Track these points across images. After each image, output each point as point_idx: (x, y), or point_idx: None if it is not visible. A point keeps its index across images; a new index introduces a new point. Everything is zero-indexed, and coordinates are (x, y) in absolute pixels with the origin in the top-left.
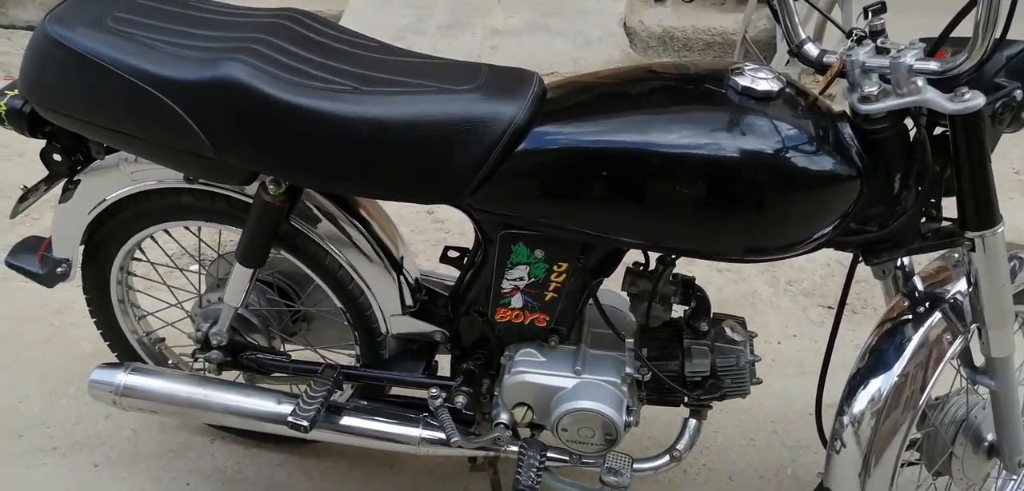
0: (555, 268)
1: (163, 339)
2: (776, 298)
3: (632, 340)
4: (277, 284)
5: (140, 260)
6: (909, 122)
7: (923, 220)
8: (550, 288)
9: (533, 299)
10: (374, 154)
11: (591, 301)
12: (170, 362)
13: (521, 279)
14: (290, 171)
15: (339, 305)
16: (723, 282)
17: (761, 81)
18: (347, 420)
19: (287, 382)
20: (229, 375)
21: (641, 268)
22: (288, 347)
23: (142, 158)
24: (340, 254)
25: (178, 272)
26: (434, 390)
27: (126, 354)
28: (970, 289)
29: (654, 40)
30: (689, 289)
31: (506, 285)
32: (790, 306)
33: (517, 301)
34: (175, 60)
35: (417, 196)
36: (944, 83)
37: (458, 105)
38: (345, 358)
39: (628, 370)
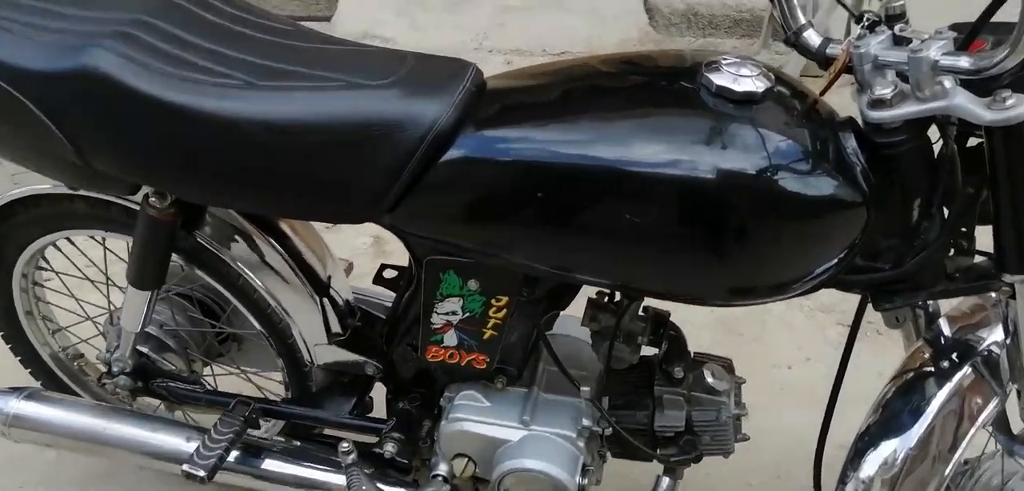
0: (493, 302)
1: (81, 355)
2: (789, 314)
3: (589, 389)
4: (199, 299)
5: (45, 269)
6: (934, 132)
7: (951, 254)
8: (489, 325)
9: (469, 337)
10: (265, 163)
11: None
12: (93, 378)
13: (454, 313)
14: (167, 182)
15: (259, 328)
16: None
17: (744, 79)
18: (266, 463)
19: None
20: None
21: (606, 299)
22: (218, 369)
23: (9, 161)
24: (253, 276)
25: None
26: (345, 444)
27: (41, 371)
28: (1008, 341)
29: (677, 17)
30: (661, 327)
31: (437, 320)
32: (805, 324)
33: (450, 338)
34: (30, 46)
35: (321, 214)
36: (980, 84)
37: (368, 103)
38: (278, 384)
39: (586, 422)
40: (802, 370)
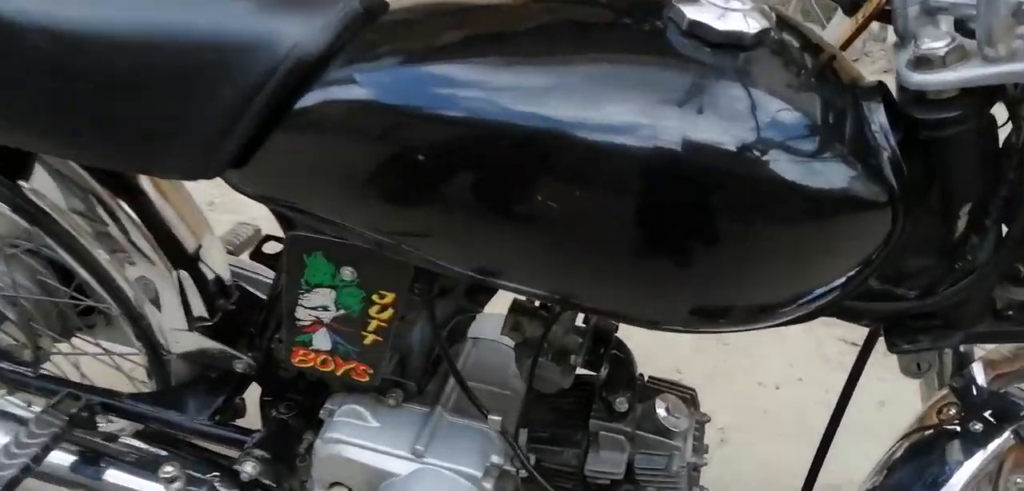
0: (375, 299)
1: None
2: (784, 327)
3: (500, 417)
4: (51, 259)
5: None
6: (1001, 112)
7: (1004, 282)
8: (370, 328)
9: (346, 341)
10: (54, 89)
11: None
12: None
13: (325, 309)
14: None
15: (109, 300)
16: None
17: (731, 15)
18: (106, 475)
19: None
20: None
21: (535, 302)
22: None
23: None
24: (91, 241)
25: None
26: (169, 468)
27: None
28: None
29: None
30: (603, 345)
31: (303, 315)
32: (801, 339)
33: (322, 340)
34: None
35: (137, 165)
36: None
37: (208, 17)
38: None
39: (495, 459)
40: (791, 392)
